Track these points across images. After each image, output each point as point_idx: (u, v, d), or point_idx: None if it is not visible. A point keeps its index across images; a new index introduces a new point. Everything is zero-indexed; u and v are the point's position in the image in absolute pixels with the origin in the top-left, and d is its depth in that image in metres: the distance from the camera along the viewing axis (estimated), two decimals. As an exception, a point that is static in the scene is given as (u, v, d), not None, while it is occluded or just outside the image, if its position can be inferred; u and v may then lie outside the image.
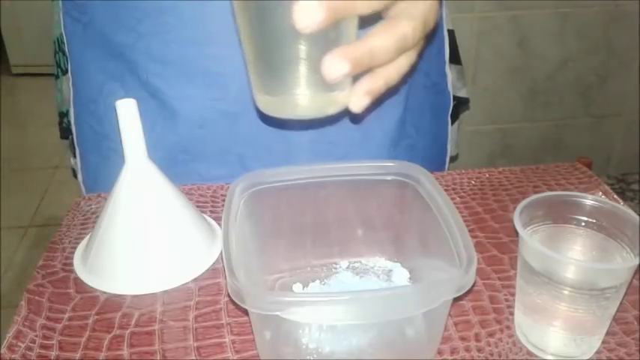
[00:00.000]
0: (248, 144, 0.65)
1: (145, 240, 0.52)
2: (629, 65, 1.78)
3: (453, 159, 0.81)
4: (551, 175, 0.67)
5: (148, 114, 0.58)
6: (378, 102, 0.46)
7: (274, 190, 0.50)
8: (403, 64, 0.44)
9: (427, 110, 0.72)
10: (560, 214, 0.46)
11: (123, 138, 0.51)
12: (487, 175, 0.67)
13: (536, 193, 0.47)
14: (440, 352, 0.45)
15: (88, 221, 0.60)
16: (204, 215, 0.59)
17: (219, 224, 0.59)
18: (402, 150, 0.69)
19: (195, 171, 0.66)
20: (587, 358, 0.45)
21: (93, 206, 0.63)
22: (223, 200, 0.48)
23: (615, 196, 0.62)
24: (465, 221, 0.45)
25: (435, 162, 0.76)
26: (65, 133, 0.77)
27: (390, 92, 0.45)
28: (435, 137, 0.76)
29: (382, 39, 0.41)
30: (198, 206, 0.60)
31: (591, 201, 0.46)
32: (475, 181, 0.66)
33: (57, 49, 0.74)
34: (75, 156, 0.74)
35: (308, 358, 0.41)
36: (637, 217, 0.44)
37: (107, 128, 0.65)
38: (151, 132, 0.64)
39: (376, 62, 0.42)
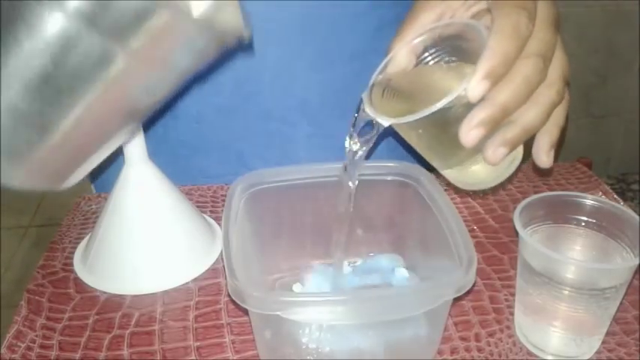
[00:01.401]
0: (246, 139, 0.65)
1: (145, 240, 0.52)
2: (629, 65, 1.78)
3: None
4: (551, 175, 0.67)
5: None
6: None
7: (274, 190, 0.50)
8: (542, 106, 0.41)
9: None
10: (560, 214, 0.46)
11: (123, 138, 0.51)
12: (487, 175, 0.67)
13: (536, 193, 0.47)
14: (440, 352, 0.45)
15: (88, 221, 0.60)
16: (204, 215, 0.59)
17: (219, 224, 0.59)
18: (400, 141, 0.69)
19: (196, 167, 0.66)
20: (587, 358, 0.45)
21: (93, 206, 0.63)
22: (223, 200, 0.48)
23: (615, 196, 0.62)
24: (465, 221, 0.45)
25: None
26: None
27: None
28: None
29: (509, 88, 0.39)
30: (198, 206, 0.59)
31: (591, 201, 0.46)
32: (475, 181, 0.66)
33: None
34: None
35: (308, 358, 0.41)
36: (637, 217, 0.44)
37: None
38: (152, 128, 0.64)
39: (510, 112, 0.40)
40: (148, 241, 0.52)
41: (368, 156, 0.46)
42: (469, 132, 0.39)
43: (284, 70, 0.62)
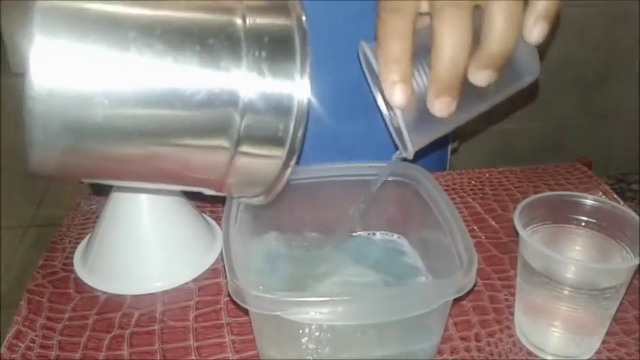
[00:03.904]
0: None
1: (144, 240, 0.52)
2: (629, 65, 1.78)
3: (454, 151, 0.81)
4: (551, 175, 0.67)
5: None
6: None
7: (274, 190, 0.50)
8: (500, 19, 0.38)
9: None
10: (560, 214, 0.46)
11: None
12: (487, 175, 0.67)
13: (536, 193, 0.47)
14: (440, 352, 0.45)
15: (88, 221, 0.60)
16: (204, 215, 0.59)
17: (219, 224, 0.59)
18: None
19: None
20: (587, 358, 0.45)
21: (93, 206, 0.63)
22: (223, 200, 0.48)
23: (615, 196, 0.62)
24: (465, 221, 0.45)
25: (438, 156, 0.76)
26: None
27: None
28: None
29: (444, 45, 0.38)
30: (198, 206, 0.59)
31: (591, 201, 0.46)
32: (475, 181, 0.66)
33: None
34: None
35: (308, 358, 0.41)
36: (637, 217, 0.44)
37: None
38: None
39: (462, 61, 0.38)
40: (147, 241, 0.52)
41: (373, 149, 0.46)
42: (436, 105, 0.39)
43: None
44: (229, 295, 0.39)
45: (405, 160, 0.45)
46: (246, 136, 0.37)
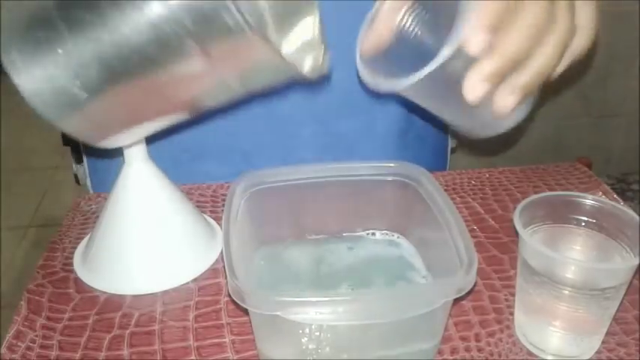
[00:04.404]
0: (251, 140, 0.64)
1: (145, 240, 0.52)
2: (629, 65, 1.78)
3: (453, 150, 0.81)
4: (551, 175, 0.67)
5: None
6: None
7: (274, 190, 0.50)
8: (553, 46, 0.38)
9: None
10: (560, 214, 0.46)
11: (123, 138, 0.51)
12: (487, 175, 0.67)
13: (536, 193, 0.47)
14: (440, 352, 0.45)
15: (88, 221, 0.60)
16: (204, 215, 0.59)
17: (219, 224, 0.59)
18: (410, 141, 0.69)
19: (201, 169, 0.66)
20: (587, 358, 0.45)
21: (93, 206, 0.63)
22: (223, 200, 0.48)
23: (615, 196, 0.62)
24: (465, 221, 0.45)
25: (439, 154, 0.76)
26: (67, 139, 0.76)
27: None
28: (438, 127, 0.75)
29: (514, 36, 0.36)
30: (198, 206, 0.59)
31: (591, 201, 0.46)
32: (475, 181, 0.66)
33: None
34: (79, 162, 0.73)
35: (308, 358, 0.41)
36: (637, 217, 0.44)
37: None
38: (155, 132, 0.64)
39: (518, 61, 0.37)
40: (148, 241, 0.52)
41: (374, 147, 0.45)
42: (474, 88, 0.36)
43: None
44: (229, 295, 0.39)
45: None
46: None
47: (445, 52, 0.36)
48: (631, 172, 1.86)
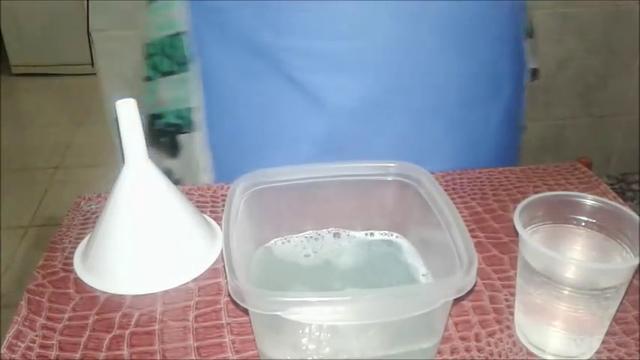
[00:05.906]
0: (388, 135, 0.66)
1: (144, 240, 0.52)
2: (629, 65, 1.78)
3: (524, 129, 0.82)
4: (551, 175, 0.67)
5: (295, 107, 0.63)
6: None
7: (274, 190, 0.50)
8: None
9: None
10: (560, 214, 0.46)
11: (122, 138, 0.51)
12: (487, 175, 0.67)
13: (536, 193, 0.47)
14: (440, 352, 0.45)
15: (88, 221, 0.60)
16: (204, 215, 0.59)
17: (219, 224, 0.59)
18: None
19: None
20: (587, 358, 0.45)
21: (93, 206, 0.63)
22: (223, 200, 0.48)
23: (615, 196, 0.62)
24: (465, 221, 0.45)
25: (511, 137, 0.79)
26: (158, 135, 0.74)
27: None
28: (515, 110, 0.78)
29: None
30: (198, 206, 0.60)
31: (591, 201, 0.46)
32: (475, 181, 0.66)
33: (149, 54, 0.72)
34: (174, 157, 0.73)
35: (308, 358, 0.41)
36: (637, 217, 0.44)
37: (245, 126, 0.67)
38: (298, 125, 0.65)
39: None
40: (147, 241, 0.52)
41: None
42: None
43: None
44: (229, 295, 0.39)
45: None
46: None
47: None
48: (631, 172, 1.86)
